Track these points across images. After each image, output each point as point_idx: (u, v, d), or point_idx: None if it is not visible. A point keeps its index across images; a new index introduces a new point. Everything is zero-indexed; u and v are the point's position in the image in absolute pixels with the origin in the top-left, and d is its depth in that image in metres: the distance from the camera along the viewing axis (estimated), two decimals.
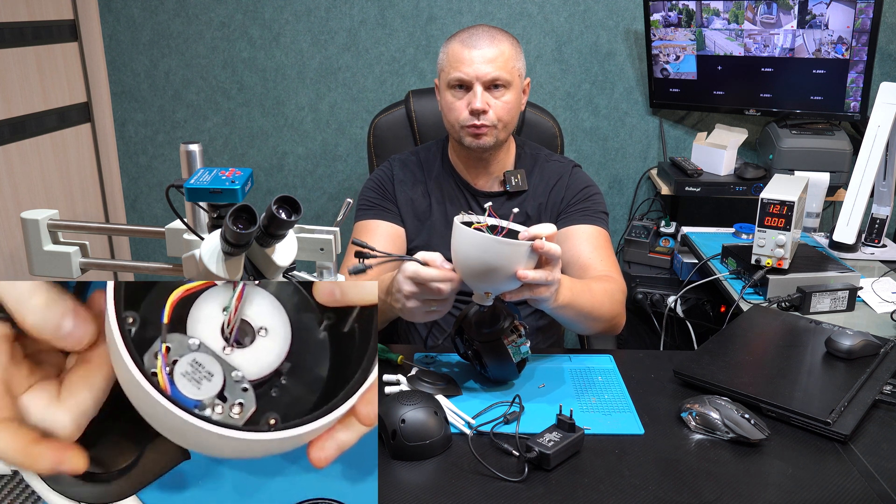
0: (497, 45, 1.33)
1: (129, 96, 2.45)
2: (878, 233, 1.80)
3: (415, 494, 0.87)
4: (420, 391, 1.04)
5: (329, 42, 2.37)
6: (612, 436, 1.00)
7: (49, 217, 0.90)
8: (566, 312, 1.14)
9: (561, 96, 2.40)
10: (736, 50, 2.17)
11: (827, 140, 2.10)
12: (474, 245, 0.99)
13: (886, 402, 1.06)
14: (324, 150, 2.49)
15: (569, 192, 1.45)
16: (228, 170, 0.79)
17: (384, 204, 1.46)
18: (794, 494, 0.88)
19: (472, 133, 1.36)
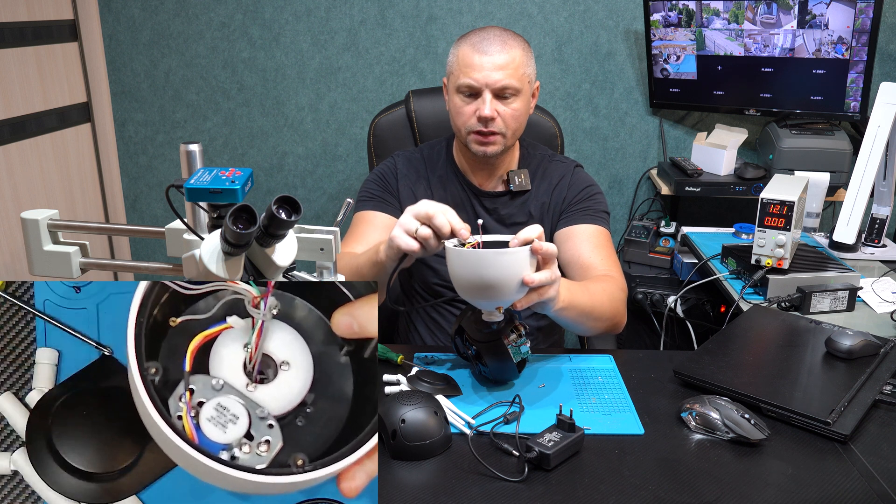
0: (508, 51, 1.32)
1: (129, 96, 2.45)
2: (878, 233, 1.80)
3: (415, 494, 0.87)
4: (420, 391, 1.04)
5: (329, 42, 2.37)
6: (612, 436, 1.00)
7: (49, 217, 0.90)
8: (567, 314, 1.14)
9: (561, 96, 2.40)
10: (736, 50, 2.17)
11: (827, 140, 2.10)
12: (475, 264, 0.99)
13: (886, 402, 1.06)
14: (324, 150, 2.49)
15: (571, 191, 1.45)
16: (228, 170, 0.79)
17: (385, 196, 1.46)
18: (794, 494, 0.88)
19: (479, 140, 1.36)
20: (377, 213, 1.43)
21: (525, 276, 0.99)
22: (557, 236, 1.43)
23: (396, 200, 1.46)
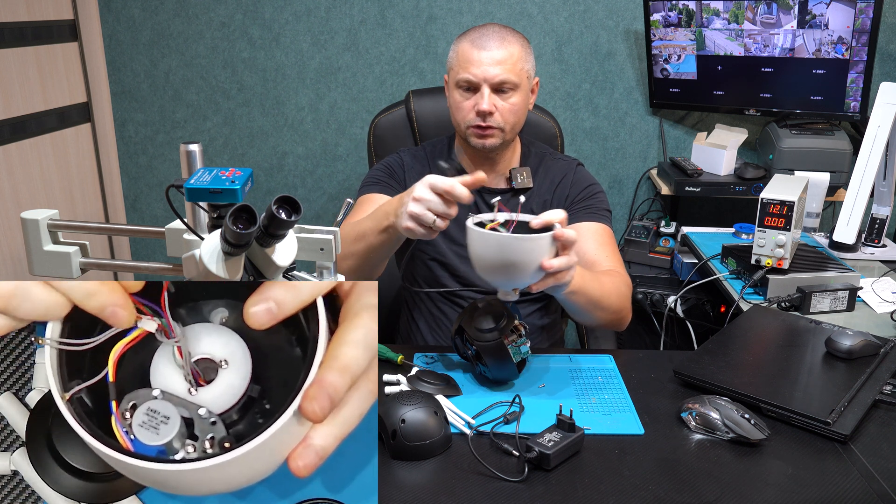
0: (507, 46, 1.33)
1: (129, 96, 2.45)
2: (878, 233, 1.80)
3: (415, 494, 0.87)
4: (420, 391, 1.04)
5: (329, 42, 2.37)
6: (612, 436, 1.00)
7: (49, 217, 0.89)
8: (576, 299, 1.16)
9: (561, 96, 2.40)
10: (736, 50, 2.17)
11: (827, 140, 2.10)
12: (495, 246, 0.99)
13: (886, 402, 1.06)
14: (324, 150, 2.49)
15: (573, 190, 1.47)
16: (228, 170, 0.79)
17: (390, 182, 1.47)
18: (794, 494, 0.88)
19: (478, 134, 1.37)
20: (381, 195, 1.44)
21: (544, 262, 1.00)
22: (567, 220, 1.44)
23: (402, 188, 1.46)
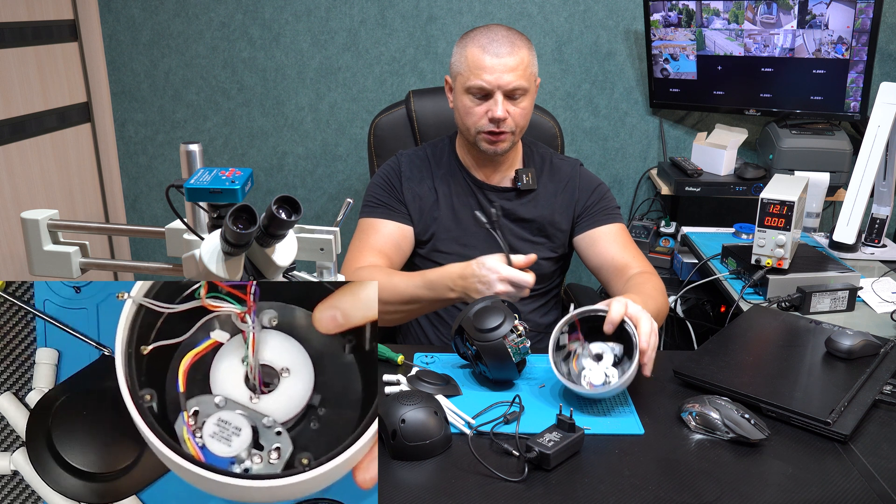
0: (517, 52, 1.33)
1: (129, 96, 2.45)
2: (878, 233, 1.80)
3: (415, 494, 0.87)
4: (420, 391, 1.04)
5: (329, 42, 2.37)
6: (612, 436, 1.00)
7: (49, 217, 0.89)
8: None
9: (561, 96, 2.40)
10: (736, 50, 2.17)
11: (827, 140, 2.10)
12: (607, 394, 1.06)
13: (886, 402, 1.06)
14: (324, 150, 2.49)
15: (581, 193, 1.48)
16: (228, 170, 0.79)
17: (391, 203, 1.47)
18: (794, 494, 0.88)
19: (490, 140, 1.38)
20: (385, 221, 1.45)
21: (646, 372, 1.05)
22: (582, 241, 1.47)
23: (403, 205, 1.46)
